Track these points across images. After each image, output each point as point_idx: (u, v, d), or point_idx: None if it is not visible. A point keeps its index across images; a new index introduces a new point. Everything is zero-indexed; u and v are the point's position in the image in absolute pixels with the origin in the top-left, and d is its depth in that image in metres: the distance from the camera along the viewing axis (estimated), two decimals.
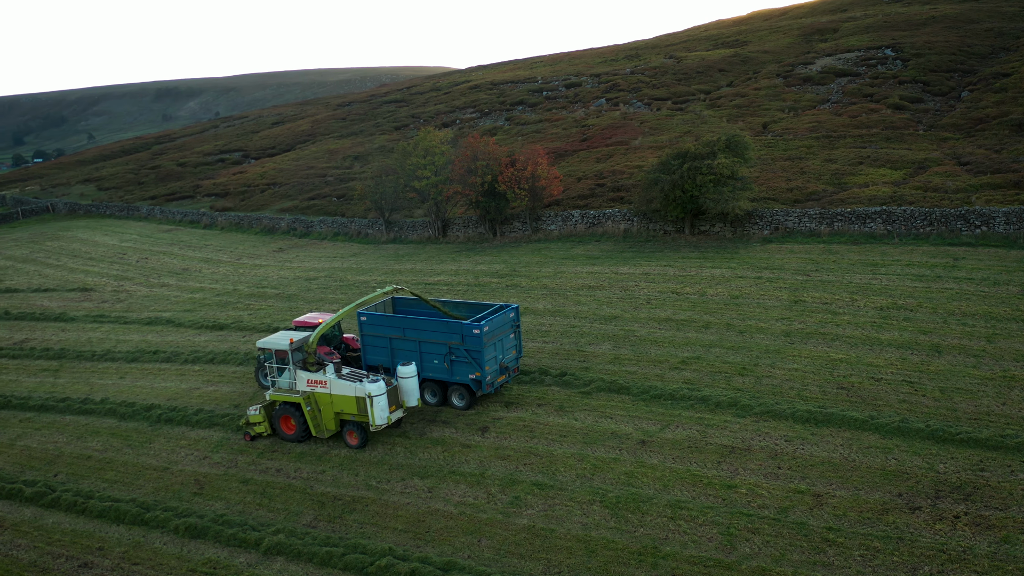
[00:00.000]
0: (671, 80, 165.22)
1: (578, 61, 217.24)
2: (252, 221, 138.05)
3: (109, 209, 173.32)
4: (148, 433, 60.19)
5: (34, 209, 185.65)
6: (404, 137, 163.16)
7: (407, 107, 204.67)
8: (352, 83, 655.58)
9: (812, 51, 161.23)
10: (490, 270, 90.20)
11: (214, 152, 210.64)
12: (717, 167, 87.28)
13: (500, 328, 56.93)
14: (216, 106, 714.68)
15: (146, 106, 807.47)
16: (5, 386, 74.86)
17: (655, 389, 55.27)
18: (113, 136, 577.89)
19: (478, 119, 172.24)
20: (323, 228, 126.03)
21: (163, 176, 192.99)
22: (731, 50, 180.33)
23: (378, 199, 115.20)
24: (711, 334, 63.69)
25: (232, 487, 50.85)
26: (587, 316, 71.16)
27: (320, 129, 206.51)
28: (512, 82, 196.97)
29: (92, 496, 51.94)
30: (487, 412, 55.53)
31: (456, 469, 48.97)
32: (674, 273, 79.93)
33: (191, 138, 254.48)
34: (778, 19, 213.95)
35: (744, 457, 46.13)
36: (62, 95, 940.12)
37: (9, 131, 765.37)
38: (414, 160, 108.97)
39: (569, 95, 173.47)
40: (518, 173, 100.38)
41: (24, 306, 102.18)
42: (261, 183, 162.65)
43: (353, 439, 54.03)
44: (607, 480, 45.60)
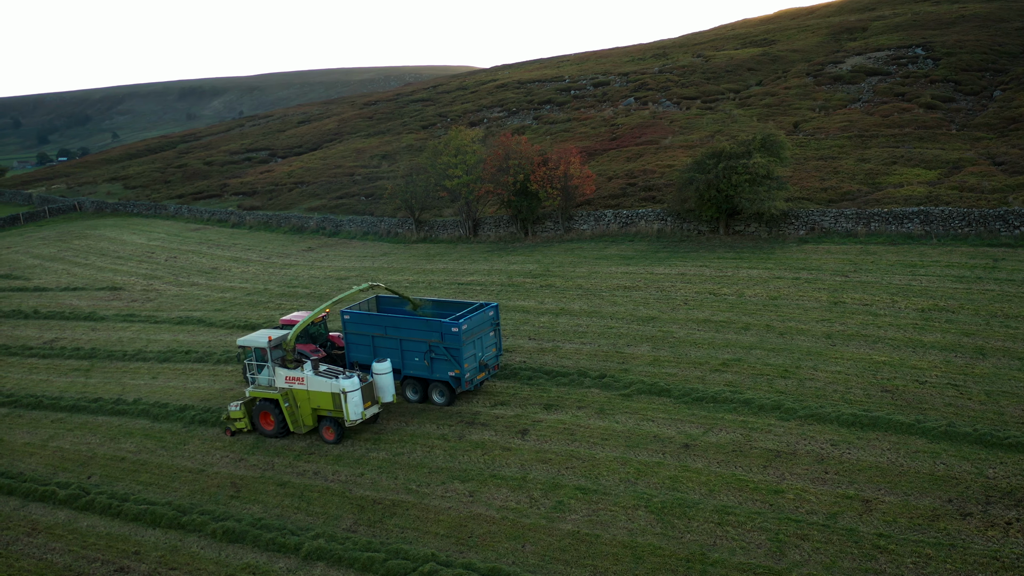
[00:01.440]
0: (700, 79, 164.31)
1: (605, 60, 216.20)
2: (281, 220, 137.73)
3: (136, 208, 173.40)
4: (182, 434, 59.57)
5: (61, 208, 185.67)
6: (431, 136, 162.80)
7: (434, 106, 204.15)
8: (376, 82, 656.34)
9: (841, 50, 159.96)
10: (523, 270, 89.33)
11: (240, 151, 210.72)
12: (753, 166, 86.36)
13: (479, 326, 57.96)
14: (240, 105, 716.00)
15: (170, 105, 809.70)
16: (36, 386, 74.35)
17: (696, 392, 54.30)
18: (137, 135, 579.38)
19: (505, 118, 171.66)
20: (352, 227, 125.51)
21: (190, 175, 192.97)
22: (759, 49, 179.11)
23: (408, 198, 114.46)
24: (751, 336, 62.74)
25: (269, 490, 50.04)
26: (624, 317, 70.22)
27: (347, 128, 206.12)
28: (539, 81, 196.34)
29: (127, 499, 51.16)
30: (526, 414, 54.63)
31: (497, 473, 48.02)
32: (710, 274, 79.01)
33: (217, 137, 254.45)
34: (805, 18, 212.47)
35: (790, 461, 45.16)
36: (86, 94, 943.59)
37: (34, 130, 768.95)
38: (445, 159, 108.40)
39: (597, 94, 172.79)
40: (550, 172, 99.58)
41: (53, 305, 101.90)
42: (289, 182, 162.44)
43: (329, 434, 55.23)
44: (651, 484, 44.65)
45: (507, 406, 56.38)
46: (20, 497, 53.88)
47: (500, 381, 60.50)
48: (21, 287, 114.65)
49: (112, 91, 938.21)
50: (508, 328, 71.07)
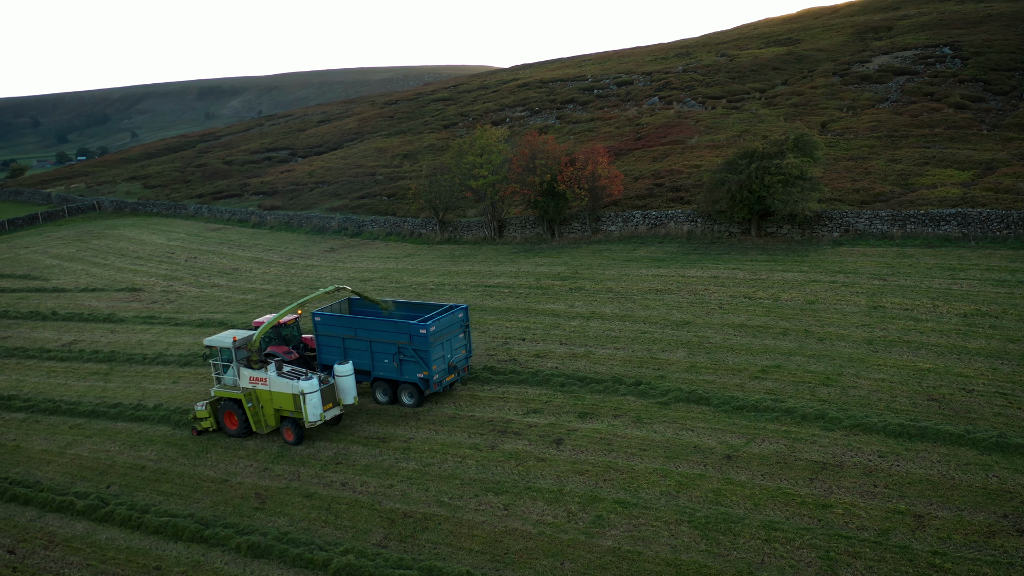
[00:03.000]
0: (724, 78, 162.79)
1: (627, 59, 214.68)
2: (302, 220, 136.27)
3: (156, 207, 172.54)
4: (204, 442, 57.79)
5: (80, 207, 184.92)
6: (453, 135, 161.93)
7: (455, 105, 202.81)
8: (395, 82, 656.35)
9: (867, 49, 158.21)
10: (551, 272, 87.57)
11: (260, 150, 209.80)
12: (786, 167, 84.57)
13: (448, 328, 58.41)
14: (259, 105, 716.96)
15: (189, 104, 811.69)
16: (54, 390, 72.83)
17: (736, 400, 52.40)
18: (156, 134, 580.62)
19: (528, 117, 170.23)
20: (375, 228, 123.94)
21: (210, 174, 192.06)
22: (784, 48, 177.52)
23: (432, 198, 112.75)
24: (789, 341, 60.85)
25: (295, 502, 48.16)
26: (657, 321, 68.39)
27: (367, 127, 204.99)
28: (561, 80, 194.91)
29: (148, 510, 49.33)
30: (561, 423, 52.73)
31: (532, 485, 46.08)
32: (744, 276, 77.18)
33: (236, 136, 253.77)
34: (829, 17, 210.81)
35: (837, 474, 43.24)
36: (105, 93, 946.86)
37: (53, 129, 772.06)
38: (470, 158, 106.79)
39: (621, 93, 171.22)
40: (578, 172, 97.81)
41: (72, 306, 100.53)
42: (309, 181, 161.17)
43: (289, 435, 55.70)
44: (694, 498, 42.74)
45: (540, 414, 54.48)
46: (37, 507, 52.19)
47: (532, 388, 58.80)
48: (39, 288, 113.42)
49: (131, 90, 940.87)
50: (538, 332, 69.67)
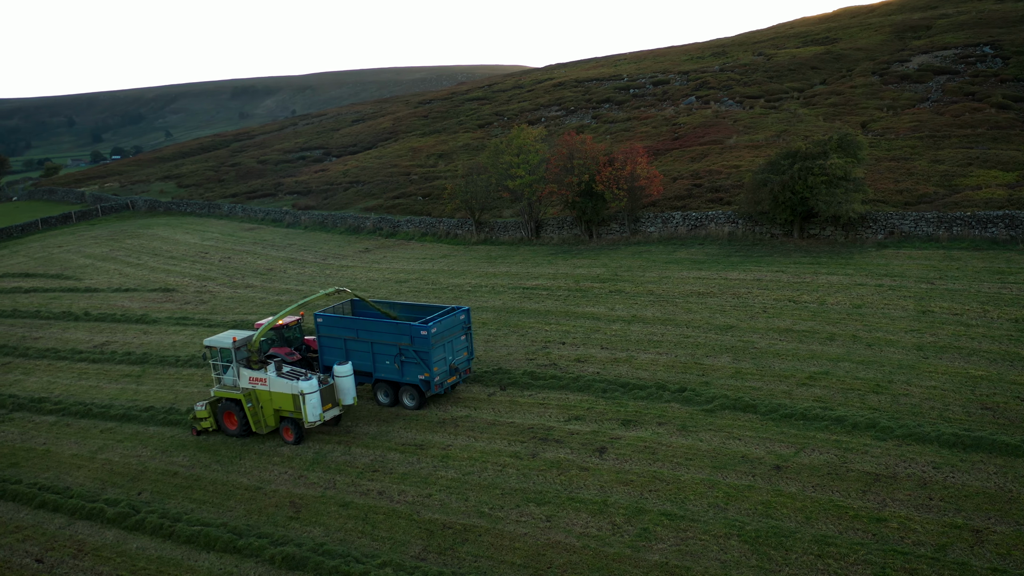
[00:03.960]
0: (762, 77, 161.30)
1: (663, 58, 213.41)
2: (336, 220, 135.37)
3: (189, 207, 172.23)
4: (237, 448, 56.66)
5: (113, 206, 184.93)
6: (488, 135, 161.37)
7: (490, 105, 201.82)
8: (428, 81, 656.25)
9: (906, 48, 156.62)
10: (590, 274, 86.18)
11: (295, 149, 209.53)
12: (830, 167, 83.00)
13: (449, 330, 58.47)
14: (292, 104, 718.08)
15: (223, 104, 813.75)
16: (85, 393, 71.92)
17: (784, 408, 50.84)
18: (190, 133, 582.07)
19: (563, 117, 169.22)
20: (410, 228, 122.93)
21: (243, 174, 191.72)
22: (822, 47, 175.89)
23: (468, 198, 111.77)
24: (837, 347, 59.28)
25: (331, 511, 46.81)
26: (700, 325, 66.94)
27: (402, 127, 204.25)
28: (597, 80, 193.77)
29: (179, 519, 48.01)
30: (604, 431, 51.28)
31: (575, 495, 44.60)
32: (788, 279, 75.66)
33: (270, 135, 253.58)
34: (866, 16, 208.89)
35: (890, 486, 41.69)
36: (140, 93, 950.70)
37: (88, 128, 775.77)
38: (507, 158, 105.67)
39: (657, 93, 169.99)
40: (616, 172, 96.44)
41: (104, 307, 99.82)
42: (344, 181, 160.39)
43: (289, 435, 56.16)
44: (743, 510, 41.24)
45: (582, 421, 53.05)
46: (66, 514, 51.01)
47: (573, 394, 57.39)
48: (72, 287, 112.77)
49: (165, 90, 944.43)
50: (579, 336, 68.33)
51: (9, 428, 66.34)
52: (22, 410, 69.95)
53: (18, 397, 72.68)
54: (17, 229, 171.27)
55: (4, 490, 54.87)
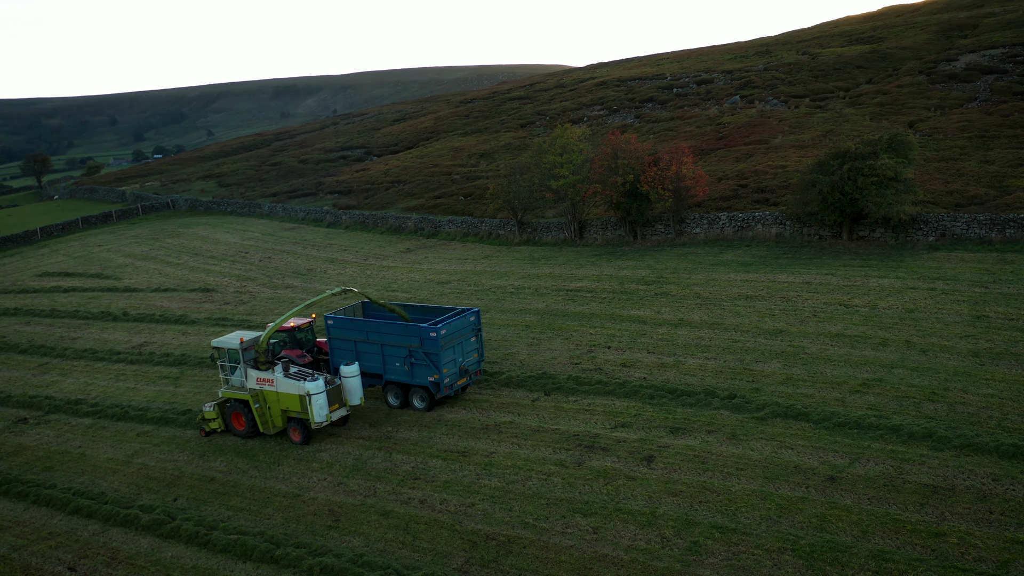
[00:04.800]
0: (807, 77, 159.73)
1: (706, 58, 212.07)
2: (377, 220, 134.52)
3: (230, 206, 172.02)
4: (276, 453, 55.67)
5: (154, 205, 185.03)
6: (530, 135, 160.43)
7: (531, 104, 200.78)
8: (469, 81, 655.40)
9: (953, 47, 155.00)
10: (635, 276, 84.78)
11: (336, 149, 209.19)
12: (880, 168, 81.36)
13: (459, 332, 58.67)
14: (334, 103, 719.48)
15: (264, 103, 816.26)
16: (123, 394, 71.20)
17: (837, 416, 49.32)
18: (232, 133, 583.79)
19: (606, 116, 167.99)
20: (452, 228, 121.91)
21: (284, 173, 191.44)
22: (867, 46, 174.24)
23: (511, 198, 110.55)
24: (890, 352, 57.69)
25: (371, 520, 45.57)
26: (749, 329, 65.48)
27: (443, 126, 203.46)
28: (640, 79, 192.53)
29: (216, 527, 46.95)
30: (651, 439, 49.88)
31: (622, 506, 43.18)
32: (838, 283, 74.07)
33: (311, 135, 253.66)
34: (911, 15, 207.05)
35: (949, 499, 40.17)
36: (182, 92, 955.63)
37: (130, 127, 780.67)
38: (550, 158, 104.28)
39: (701, 92, 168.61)
40: (662, 172, 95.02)
41: (143, 307, 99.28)
42: (385, 181, 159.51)
43: (296, 436, 56.57)
44: (796, 524, 39.77)
45: (629, 428, 51.68)
46: (100, 521, 50.10)
47: (619, 399, 56.04)
48: (111, 287, 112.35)
49: (207, 89, 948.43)
50: (624, 340, 67.00)
51: (45, 430, 65.74)
52: (58, 412, 69.40)
53: (54, 399, 72.10)
54: (58, 228, 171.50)
55: (38, 495, 54.15)
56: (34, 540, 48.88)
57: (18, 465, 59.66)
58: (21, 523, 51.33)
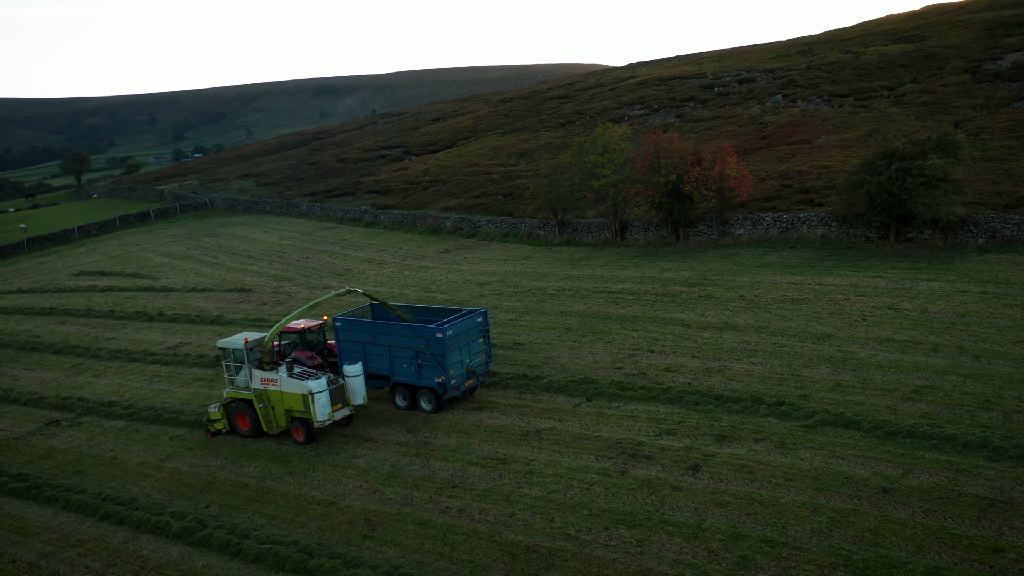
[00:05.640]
0: (850, 76, 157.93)
1: (748, 56, 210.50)
2: (416, 220, 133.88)
3: (268, 205, 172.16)
4: (311, 459, 54.42)
5: (192, 204, 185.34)
6: (570, 134, 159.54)
7: (571, 103, 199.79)
8: (508, 80, 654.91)
9: (998, 46, 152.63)
10: (678, 278, 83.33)
11: (374, 148, 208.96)
12: (929, 168, 79.73)
13: (466, 332, 58.68)
14: (373, 103, 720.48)
15: (304, 103, 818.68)
16: (156, 397, 70.35)
17: (889, 424, 47.58)
18: (271, 132, 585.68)
19: (647, 116, 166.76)
20: (491, 228, 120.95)
21: (323, 172, 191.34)
22: (911, 45, 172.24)
23: (551, 198, 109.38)
24: (942, 358, 55.98)
25: (408, 530, 44.13)
26: (795, 334, 63.84)
27: (482, 126, 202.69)
28: (680, 78, 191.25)
29: (248, 535, 45.59)
30: (697, 447, 48.30)
31: (667, 518, 41.59)
32: (886, 285, 72.36)
33: (350, 134, 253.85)
34: (955, 13, 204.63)
35: (1007, 512, 38.50)
36: (222, 92, 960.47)
37: (170, 126, 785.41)
38: (591, 157, 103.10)
39: (743, 91, 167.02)
40: (705, 172, 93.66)
41: (179, 307, 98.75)
42: (423, 180, 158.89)
43: (299, 435, 56.93)
44: (848, 537, 38.10)
45: (673, 436, 50.16)
46: (130, 528, 48.94)
47: (663, 406, 54.48)
48: (148, 287, 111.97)
49: (247, 89, 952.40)
50: (668, 343, 65.57)
51: (77, 433, 65.01)
52: (91, 414, 68.70)
53: (88, 400, 71.42)
54: (95, 227, 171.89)
55: (68, 500, 53.18)
56: (63, 547, 47.88)
57: (49, 469, 58.87)
58: (50, 529, 50.42)
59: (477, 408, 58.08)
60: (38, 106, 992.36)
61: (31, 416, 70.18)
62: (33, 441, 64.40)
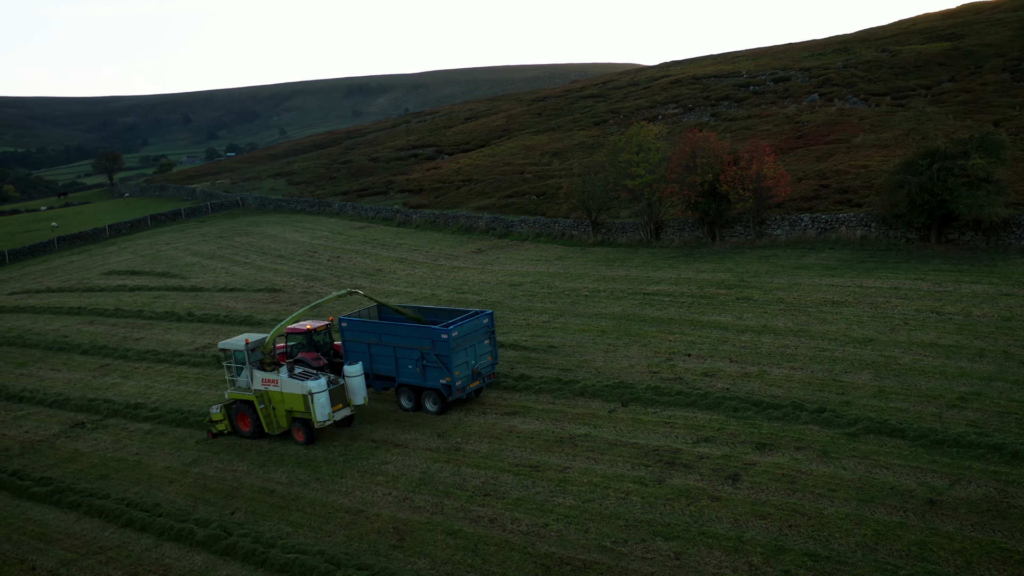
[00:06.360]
0: (887, 74, 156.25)
1: (782, 55, 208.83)
2: (448, 219, 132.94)
3: (299, 204, 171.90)
4: (339, 465, 53.11)
5: (223, 203, 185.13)
6: (603, 133, 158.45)
7: (604, 102, 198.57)
8: (541, 80, 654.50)
9: None
10: (715, 279, 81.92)
11: (406, 147, 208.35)
12: (971, 168, 78.12)
13: (471, 334, 58.59)
14: (405, 102, 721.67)
15: (337, 102, 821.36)
16: (184, 399, 69.26)
17: (935, 433, 45.97)
18: (304, 131, 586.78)
19: (681, 115, 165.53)
20: (524, 228, 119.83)
21: (355, 171, 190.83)
22: (948, 43, 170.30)
23: (585, 198, 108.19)
24: (987, 364, 54.39)
25: (437, 540, 42.68)
26: (836, 338, 62.27)
27: (515, 124, 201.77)
28: (715, 77, 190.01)
29: (274, 544, 44.12)
30: (736, 455, 46.78)
31: (706, 529, 40.11)
32: (928, 288, 70.75)
33: (382, 133, 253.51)
34: (992, 12, 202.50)
35: None
36: (255, 91, 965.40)
37: (204, 125, 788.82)
38: (626, 156, 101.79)
39: (778, 90, 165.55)
40: (742, 172, 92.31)
41: (208, 307, 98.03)
42: (456, 179, 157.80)
43: (299, 436, 57.11)
44: (895, 552, 36.53)
45: (712, 443, 48.67)
46: (154, 535, 47.61)
47: (701, 412, 53.00)
48: (177, 286, 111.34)
49: (280, 88, 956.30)
50: (705, 347, 64.11)
51: (102, 436, 63.96)
52: (117, 416, 67.67)
53: (114, 402, 70.37)
54: (126, 226, 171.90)
55: (91, 505, 51.97)
56: (84, 555, 46.69)
57: (72, 472, 57.76)
58: (72, 535, 49.25)
59: (510, 413, 56.78)
60: (73, 105, 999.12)
61: (56, 418, 69.27)
62: (57, 444, 63.44)
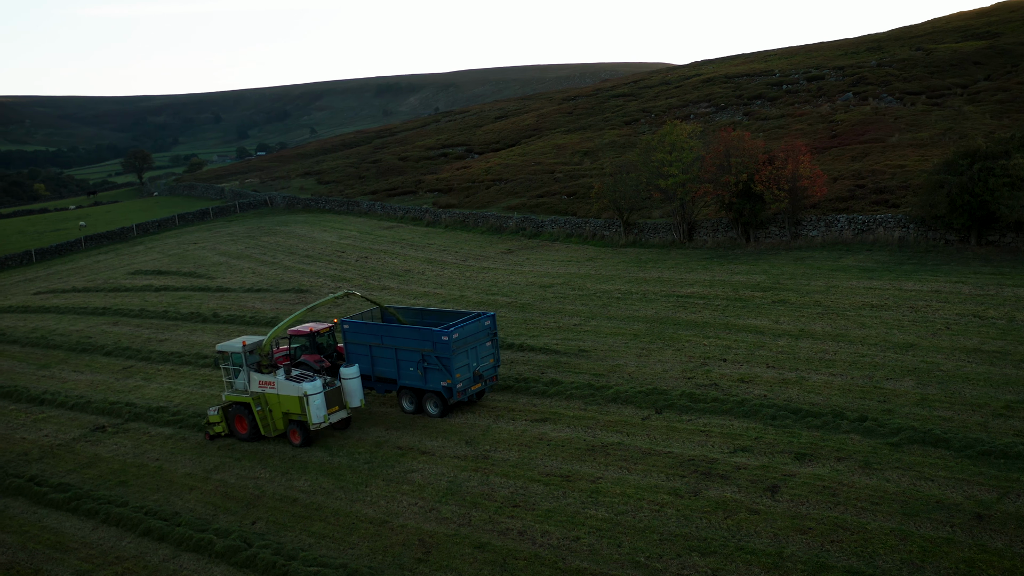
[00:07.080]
0: (922, 73, 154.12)
1: (815, 54, 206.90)
2: (478, 219, 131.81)
3: (328, 204, 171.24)
4: (364, 473, 51.67)
5: (252, 203, 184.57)
6: (635, 132, 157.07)
7: (636, 101, 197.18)
8: (572, 79, 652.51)
9: None
10: (749, 282, 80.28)
11: (436, 146, 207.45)
12: (1013, 168, 76.21)
13: (473, 336, 58.27)
14: (436, 102, 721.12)
15: (367, 101, 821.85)
16: (207, 402, 67.87)
17: (981, 443, 44.22)
18: (334, 130, 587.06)
19: (713, 113, 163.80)
20: (554, 228, 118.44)
21: (384, 170, 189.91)
22: (984, 42, 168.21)
23: (617, 198, 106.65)
24: None
25: (464, 553, 41.10)
26: (876, 343, 60.47)
27: (545, 124, 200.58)
28: (747, 75, 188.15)
29: (295, 556, 42.63)
30: (774, 465, 45.09)
31: (744, 544, 38.43)
32: (969, 292, 68.91)
33: (412, 132, 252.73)
34: None
35: None
36: (286, 90, 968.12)
37: (234, 125, 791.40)
38: (659, 156, 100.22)
39: (812, 89, 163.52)
40: (777, 171, 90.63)
41: (234, 308, 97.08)
42: (486, 179, 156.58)
43: (296, 438, 57.03)
44: (942, 570, 34.76)
45: (749, 453, 46.97)
46: (172, 545, 46.29)
47: (737, 420, 51.39)
48: (203, 286, 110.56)
49: (311, 87, 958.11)
50: (741, 352, 62.47)
51: (123, 440, 62.86)
52: (139, 420, 66.64)
53: (135, 406, 69.34)
54: (154, 225, 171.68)
55: (108, 513, 50.74)
56: (100, 565, 45.43)
57: (91, 478, 56.63)
58: (88, 544, 48.02)
59: (540, 419, 55.34)
60: (104, 104, 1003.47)
61: (77, 421, 68.30)
62: (77, 448, 62.36)
